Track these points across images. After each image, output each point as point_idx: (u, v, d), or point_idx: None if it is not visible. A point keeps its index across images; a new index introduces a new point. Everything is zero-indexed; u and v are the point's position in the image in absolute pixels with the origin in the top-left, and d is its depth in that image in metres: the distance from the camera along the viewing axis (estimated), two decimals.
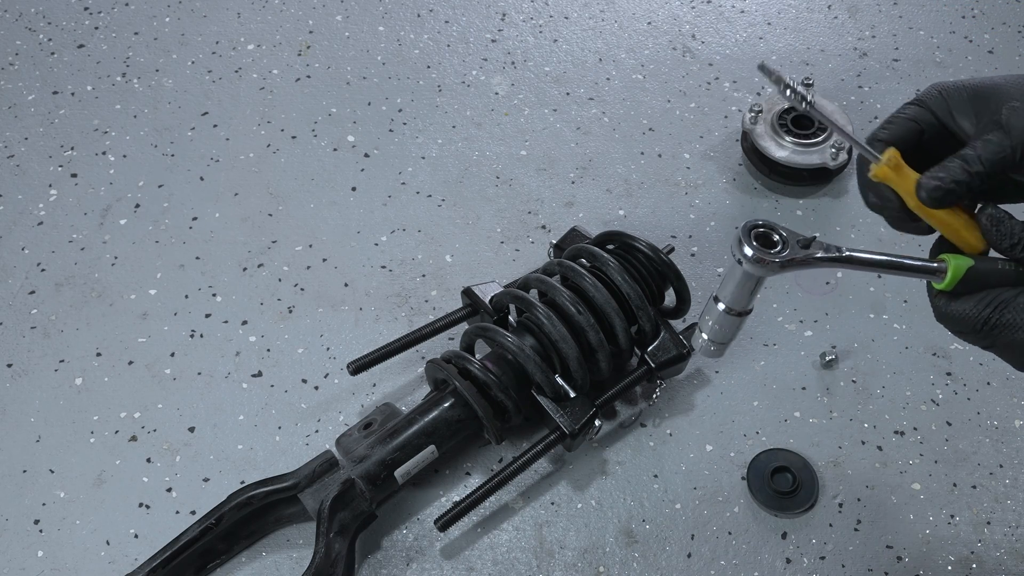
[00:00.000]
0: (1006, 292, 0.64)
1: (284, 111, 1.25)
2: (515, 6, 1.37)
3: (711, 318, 0.69)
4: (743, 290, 0.66)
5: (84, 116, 1.25)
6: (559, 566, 0.91)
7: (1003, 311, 0.63)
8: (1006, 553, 0.92)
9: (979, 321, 0.64)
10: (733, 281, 0.66)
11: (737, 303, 0.67)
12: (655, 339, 0.96)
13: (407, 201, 1.17)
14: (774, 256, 0.62)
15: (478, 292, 0.99)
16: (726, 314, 0.68)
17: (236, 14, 1.36)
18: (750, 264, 0.62)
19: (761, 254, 0.62)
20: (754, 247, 0.62)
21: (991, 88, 0.69)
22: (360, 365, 0.96)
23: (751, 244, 0.62)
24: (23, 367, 1.04)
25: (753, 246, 0.62)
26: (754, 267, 0.63)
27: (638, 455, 0.98)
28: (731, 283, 0.66)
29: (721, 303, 0.67)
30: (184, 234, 1.14)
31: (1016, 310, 0.63)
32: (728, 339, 0.70)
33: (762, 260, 0.62)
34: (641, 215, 1.16)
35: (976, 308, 0.64)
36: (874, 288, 1.09)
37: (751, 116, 1.15)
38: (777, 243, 0.63)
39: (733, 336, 0.70)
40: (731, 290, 0.66)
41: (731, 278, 0.66)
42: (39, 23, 1.35)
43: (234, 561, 0.91)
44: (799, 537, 0.93)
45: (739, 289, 0.66)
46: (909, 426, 0.99)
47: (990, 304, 0.63)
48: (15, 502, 0.95)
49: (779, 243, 0.63)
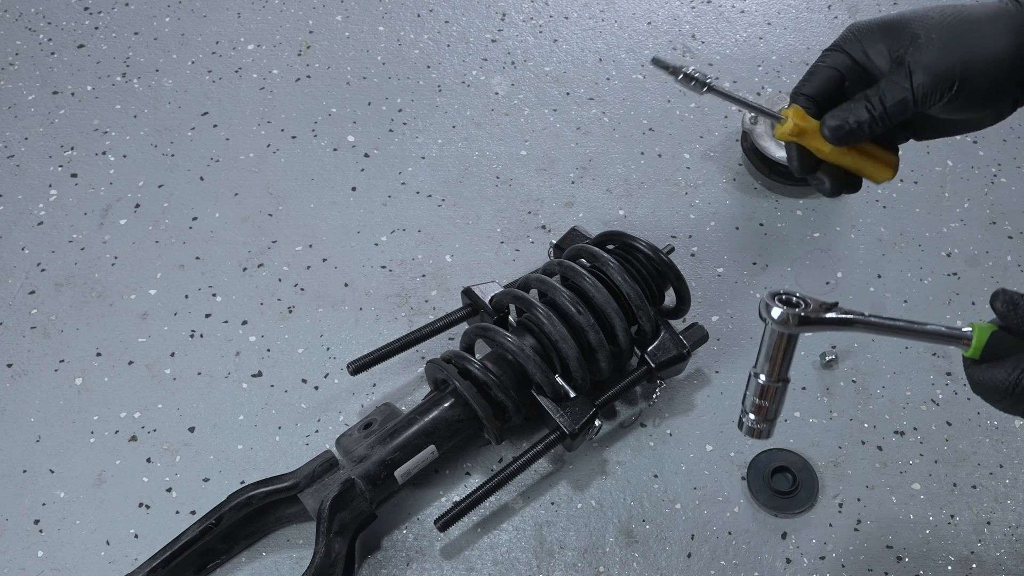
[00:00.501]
0: None
1: (284, 111, 1.25)
2: (515, 6, 1.37)
3: (753, 394, 0.71)
4: (776, 353, 0.69)
5: (84, 116, 1.25)
6: (559, 566, 0.91)
7: None
8: (1006, 553, 0.92)
9: (1011, 386, 0.62)
10: (765, 347, 0.69)
11: (774, 371, 0.69)
12: (655, 339, 0.96)
13: (407, 201, 1.17)
14: (799, 311, 0.66)
15: (478, 292, 0.99)
16: (767, 385, 0.70)
17: (236, 14, 1.36)
18: (777, 323, 0.66)
19: (787, 309, 0.66)
20: (778, 304, 0.66)
21: (899, 22, 0.70)
22: (360, 365, 0.96)
23: (775, 303, 0.66)
24: (23, 367, 1.04)
25: (777, 303, 0.66)
26: (780, 326, 0.66)
27: (638, 455, 0.98)
28: (763, 350, 0.69)
29: (761, 375, 0.70)
30: (184, 234, 1.14)
31: None
32: (775, 415, 0.72)
33: (787, 317, 0.66)
34: (641, 215, 1.16)
35: (1007, 374, 0.62)
36: (874, 288, 1.09)
37: (751, 116, 1.15)
38: (799, 304, 0.67)
39: (779, 410, 0.72)
40: (765, 357, 0.69)
41: (763, 345, 0.69)
42: (39, 23, 1.35)
43: (234, 561, 0.91)
44: (799, 537, 0.93)
45: (772, 353, 0.69)
46: (909, 426, 0.99)
47: (1018, 368, 0.62)
48: (15, 502, 0.95)
49: (800, 303, 0.67)
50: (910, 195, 1.17)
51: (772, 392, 0.70)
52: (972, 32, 0.67)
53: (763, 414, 0.71)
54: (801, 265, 1.11)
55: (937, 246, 1.13)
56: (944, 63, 0.67)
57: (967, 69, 0.67)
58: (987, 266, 1.11)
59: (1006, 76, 0.67)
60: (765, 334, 0.68)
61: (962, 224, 1.15)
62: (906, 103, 0.68)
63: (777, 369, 0.69)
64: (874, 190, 1.17)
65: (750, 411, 0.71)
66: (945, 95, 0.68)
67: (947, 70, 0.67)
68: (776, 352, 0.69)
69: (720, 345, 1.05)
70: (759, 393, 0.71)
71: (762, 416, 0.71)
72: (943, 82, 0.67)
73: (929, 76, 0.67)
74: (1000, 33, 0.67)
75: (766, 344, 0.69)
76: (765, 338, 0.69)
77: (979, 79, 0.67)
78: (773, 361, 0.69)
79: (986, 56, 0.67)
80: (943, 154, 1.21)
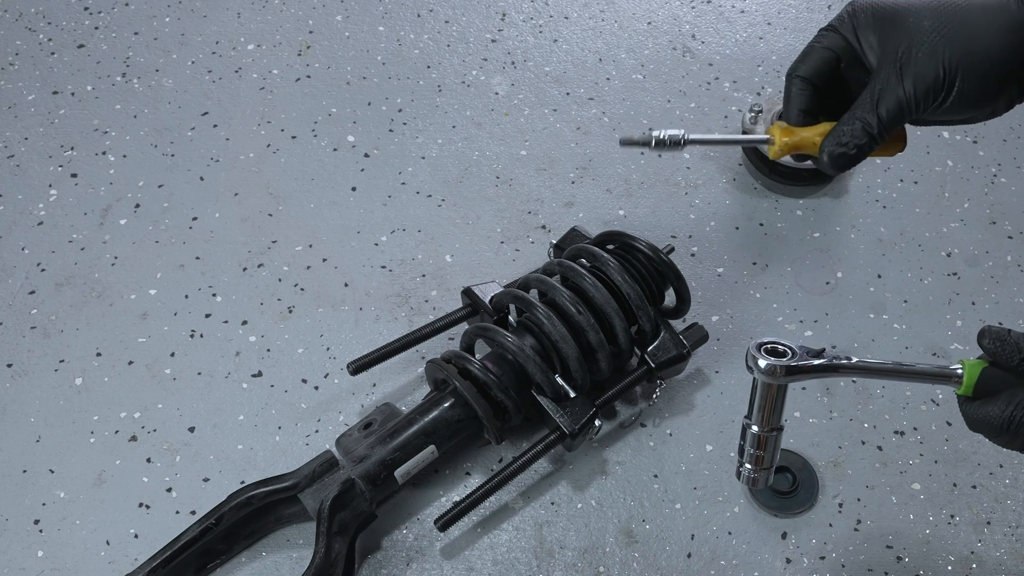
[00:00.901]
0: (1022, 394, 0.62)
1: (284, 111, 1.25)
2: (515, 6, 1.37)
3: (750, 445, 0.72)
4: (766, 404, 0.69)
5: (84, 116, 1.25)
6: (559, 566, 0.91)
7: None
8: (1006, 553, 0.92)
9: (1005, 422, 0.62)
10: (757, 398, 0.70)
11: (766, 421, 0.70)
12: (655, 339, 0.96)
13: (407, 201, 1.17)
14: (786, 361, 0.66)
15: (478, 292, 0.99)
16: (762, 435, 0.71)
17: (236, 14, 1.36)
18: (764, 374, 0.67)
19: (774, 361, 0.66)
20: (765, 356, 0.66)
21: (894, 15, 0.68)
22: (360, 365, 0.96)
23: (762, 355, 0.67)
24: (23, 367, 1.04)
25: (763, 355, 0.66)
26: (768, 376, 0.67)
27: (638, 455, 0.98)
28: (755, 401, 0.70)
29: (754, 426, 0.70)
30: (184, 234, 1.14)
31: None
32: (770, 463, 0.72)
33: (774, 368, 0.66)
34: (641, 215, 1.16)
35: (1002, 410, 0.62)
36: (874, 288, 1.09)
37: (751, 116, 1.15)
38: (785, 353, 0.67)
39: (774, 459, 0.72)
40: (756, 408, 0.70)
41: (754, 396, 0.70)
42: (39, 23, 1.35)
43: (234, 561, 0.91)
44: (799, 537, 0.93)
45: (763, 403, 0.69)
46: (909, 426, 0.99)
47: (1011, 403, 0.62)
48: (15, 502, 0.95)
49: (787, 352, 0.67)
50: (910, 195, 1.17)
51: (766, 442, 0.71)
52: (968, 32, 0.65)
53: (760, 463, 0.72)
54: (801, 265, 1.11)
55: (937, 246, 1.13)
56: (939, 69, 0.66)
57: (964, 74, 0.65)
58: (987, 266, 1.11)
59: (1003, 78, 0.66)
60: (755, 385, 0.69)
61: (962, 224, 1.15)
62: (902, 114, 0.67)
63: (769, 418, 0.70)
64: (874, 190, 1.17)
65: (747, 462, 0.72)
66: (941, 101, 0.67)
67: (942, 76, 0.66)
68: (767, 403, 0.69)
69: (720, 345, 1.05)
70: (755, 444, 0.71)
71: (759, 465, 0.72)
72: (938, 88, 0.66)
73: (923, 83, 0.66)
74: (997, 32, 0.65)
75: (757, 396, 0.69)
76: (756, 389, 0.69)
77: (975, 83, 0.66)
78: (764, 411, 0.70)
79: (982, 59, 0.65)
80: (943, 154, 1.21)
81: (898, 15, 0.68)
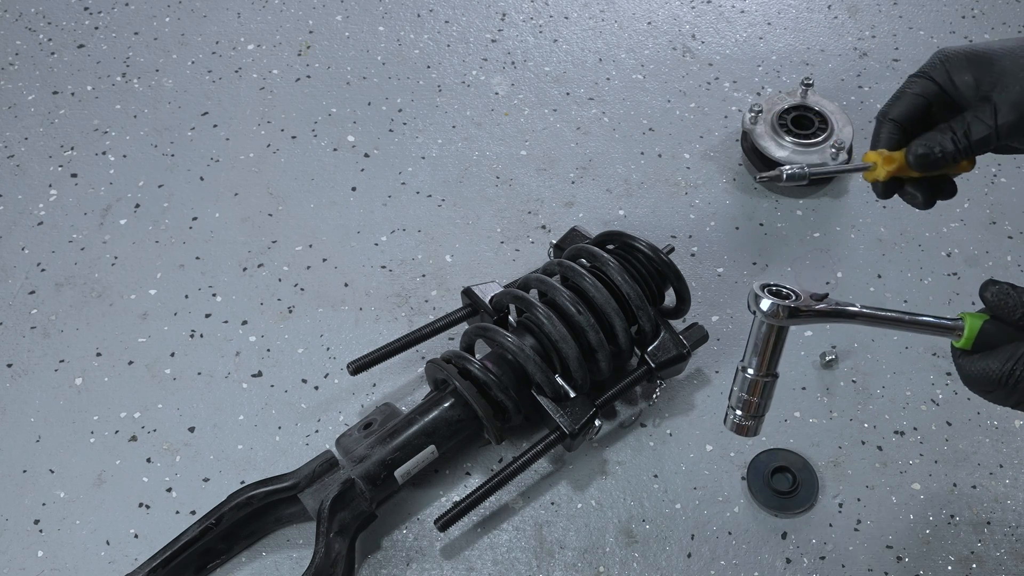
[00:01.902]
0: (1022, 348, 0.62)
1: (284, 111, 1.25)
2: (515, 6, 1.37)
3: (740, 389, 0.70)
4: (766, 347, 0.68)
5: (84, 116, 1.25)
6: (559, 566, 0.91)
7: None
8: (1006, 553, 0.92)
9: (1004, 376, 0.62)
10: (753, 340, 0.68)
11: (763, 365, 0.69)
12: (655, 339, 0.96)
13: (407, 201, 1.17)
14: (789, 303, 0.65)
15: (478, 292, 0.99)
16: (756, 379, 0.69)
17: (236, 14, 1.36)
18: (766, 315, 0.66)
19: (777, 301, 0.65)
20: (767, 295, 0.65)
21: (987, 55, 0.71)
22: (360, 365, 0.96)
23: (765, 295, 0.66)
24: (23, 367, 1.04)
25: (766, 295, 0.66)
26: (770, 317, 0.66)
27: (638, 455, 0.98)
28: (752, 343, 0.69)
29: (749, 369, 0.69)
30: (184, 234, 1.14)
31: None
32: (763, 411, 0.71)
33: (777, 309, 0.65)
34: (641, 215, 1.16)
35: (1000, 363, 0.63)
36: (874, 288, 1.09)
37: (751, 116, 1.15)
38: (788, 296, 0.67)
39: (767, 406, 0.71)
40: (753, 351, 0.69)
41: (751, 339, 0.68)
42: (39, 23, 1.35)
43: (234, 561, 0.91)
44: (799, 537, 0.93)
45: (762, 347, 0.68)
46: (909, 426, 0.99)
47: (1012, 358, 0.62)
48: (15, 502, 0.95)
49: (791, 295, 0.67)
50: None
51: (760, 387, 0.69)
52: None
53: (751, 410, 0.70)
54: (801, 265, 1.11)
55: (937, 246, 1.13)
56: None
57: None
58: (987, 266, 1.11)
59: None
60: (753, 327, 0.68)
61: (962, 224, 1.15)
62: (990, 139, 0.69)
63: (766, 363, 0.69)
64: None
65: (737, 407, 0.70)
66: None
67: None
68: (765, 345, 0.68)
69: (720, 345, 1.05)
70: (747, 388, 0.70)
71: (750, 412, 0.70)
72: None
73: (1013, 115, 0.68)
74: None
75: (754, 337, 0.68)
76: (753, 331, 0.68)
77: None
78: (762, 355, 0.68)
79: None
80: None
81: (993, 56, 0.71)
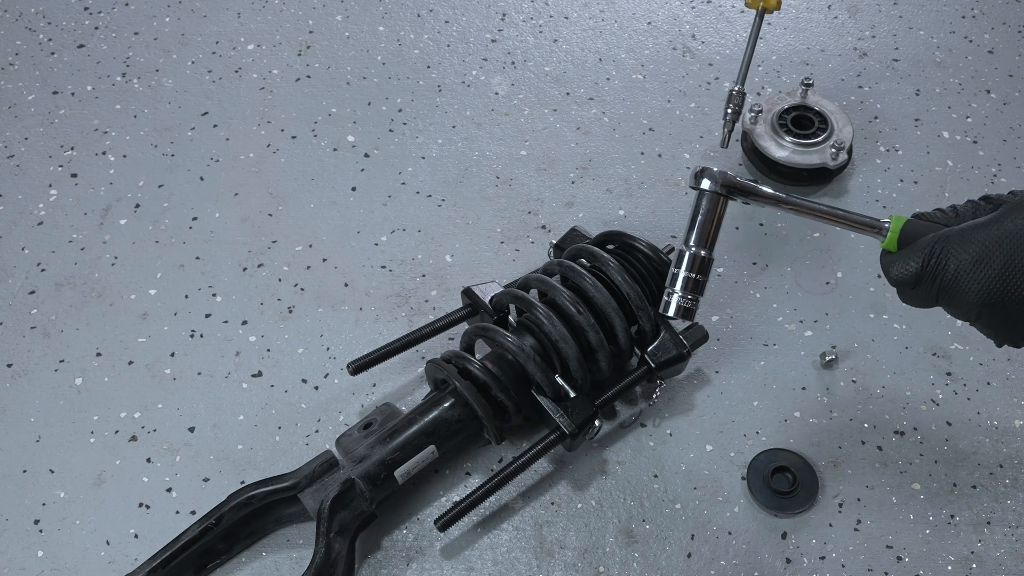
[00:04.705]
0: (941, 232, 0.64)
1: (284, 111, 1.25)
2: (515, 6, 1.37)
3: (685, 268, 0.73)
4: (708, 219, 0.72)
5: (84, 116, 1.25)
6: (559, 566, 0.91)
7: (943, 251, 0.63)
8: (1006, 553, 0.92)
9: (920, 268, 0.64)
10: (693, 214, 0.73)
11: (705, 239, 0.73)
12: (655, 339, 0.96)
13: (407, 201, 1.17)
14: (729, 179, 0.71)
15: (478, 292, 0.99)
16: (700, 254, 0.73)
17: (236, 14, 1.36)
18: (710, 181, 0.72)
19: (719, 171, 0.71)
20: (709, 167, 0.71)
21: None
22: (360, 365, 0.96)
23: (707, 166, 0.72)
24: (23, 367, 1.04)
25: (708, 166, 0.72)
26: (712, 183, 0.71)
27: (638, 455, 0.98)
28: (694, 219, 0.73)
29: (692, 246, 0.73)
30: (184, 234, 1.14)
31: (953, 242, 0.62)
32: (702, 290, 0.74)
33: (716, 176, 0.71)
34: (641, 215, 1.16)
35: (918, 255, 0.64)
36: (874, 288, 1.09)
37: (751, 116, 1.15)
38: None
39: (704, 288, 0.74)
40: (695, 225, 0.73)
41: (693, 214, 0.73)
42: (39, 23, 1.35)
43: (234, 561, 0.91)
44: (799, 537, 0.93)
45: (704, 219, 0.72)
46: (909, 426, 0.99)
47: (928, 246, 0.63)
48: (15, 502, 0.95)
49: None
50: (910, 195, 1.17)
51: (705, 263, 0.72)
52: None
53: (696, 289, 0.73)
54: (801, 265, 1.11)
55: None
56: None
57: None
58: None
59: None
60: (695, 202, 0.71)
61: None
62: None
63: (708, 237, 0.72)
64: (874, 190, 1.17)
65: (680, 288, 0.72)
66: None
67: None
68: (708, 217, 0.72)
69: (720, 345, 1.05)
70: (691, 265, 0.72)
71: (695, 291, 0.73)
72: None
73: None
74: None
75: (696, 210, 0.72)
76: (695, 206, 0.71)
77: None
78: (704, 228, 0.72)
79: None
80: (943, 154, 1.21)
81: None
